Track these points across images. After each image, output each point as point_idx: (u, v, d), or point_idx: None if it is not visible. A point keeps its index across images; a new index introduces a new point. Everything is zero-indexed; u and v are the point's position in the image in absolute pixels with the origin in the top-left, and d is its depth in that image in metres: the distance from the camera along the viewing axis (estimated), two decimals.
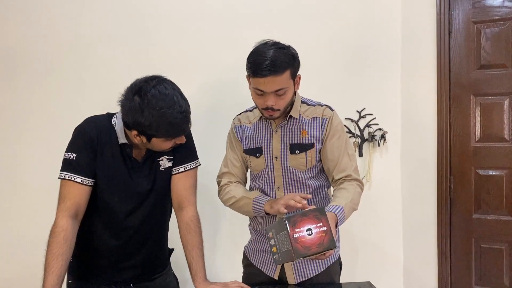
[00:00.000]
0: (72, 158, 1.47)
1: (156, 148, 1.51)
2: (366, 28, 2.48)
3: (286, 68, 1.48)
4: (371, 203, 2.51)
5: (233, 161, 1.76)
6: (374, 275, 2.23)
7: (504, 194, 2.33)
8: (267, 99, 1.51)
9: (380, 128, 2.48)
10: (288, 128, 1.65)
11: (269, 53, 1.47)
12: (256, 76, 1.48)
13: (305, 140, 1.63)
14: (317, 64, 2.45)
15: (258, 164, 1.68)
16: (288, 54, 1.51)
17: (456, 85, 2.40)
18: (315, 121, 1.64)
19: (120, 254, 1.58)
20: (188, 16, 2.41)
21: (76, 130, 1.53)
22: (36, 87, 2.37)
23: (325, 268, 1.69)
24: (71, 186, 1.46)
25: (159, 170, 1.59)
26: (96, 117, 1.57)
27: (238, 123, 1.76)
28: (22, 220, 2.38)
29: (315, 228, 1.27)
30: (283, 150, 1.64)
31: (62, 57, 2.37)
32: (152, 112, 1.37)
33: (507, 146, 2.32)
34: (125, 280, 1.61)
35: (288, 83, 1.51)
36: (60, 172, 1.48)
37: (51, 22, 2.36)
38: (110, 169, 1.51)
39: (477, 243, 2.40)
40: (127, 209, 1.56)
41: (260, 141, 1.68)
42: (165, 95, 1.39)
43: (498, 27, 2.31)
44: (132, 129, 1.44)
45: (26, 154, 2.39)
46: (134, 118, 1.40)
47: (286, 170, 1.64)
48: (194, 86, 2.36)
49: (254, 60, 1.49)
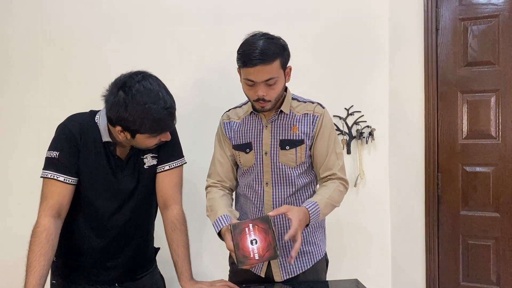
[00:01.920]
0: (55, 157, 1.45)
1: (141, 145, 1.48)
2: (354, 25, 2.47)
3: (276, 58, 1.48)
4: (359, 200, 2.51)
5: (220, 159, 1.74)
6: (362, 272, 2.23)
7: (491, 190, 2.35)
8: (257, 90, 1.50)
9: (368, 126, 2.48)
10: (279, 123, 1.64)
11: (259, 43, 1.47)
12: (246, 66, 1.48)
13: (296, 136, 1.62)
14: (304, 62, 2.44)
15: (248, 159, 1.67)
16: (277, 44, 1.51)
17: (444, 82, 2.41)
18: (306, 118, 1.64)
19: (105, 253, 1.56)
20: (174, 13, 2.39)
21: (58, 128, 1.50)
22: (19, 85, 2.33)
23: (312, 265, 1.68)
24: (54, 185, 1.43)
25: (143, 168, 1.56)
26: (79, 115, 1.54)
27: (227, 119, 1.75)
28: (7, 219, 2.35)
29: (260, 240, 1.34)
30: (273, 146, 1.63)
31: (45, 55, 2.33)
32: (137, 108, 1.34)
33: (494, 143, 2.34)
34: (110, 279, 1.59)
35: (278, 73, 1.51)
36: (43, 170, 1.46)
37: (34, 20, 2.33)
38: (94, 167, 1.49)
39: (464, 239, 2.41)
40: (111, 208, 1.54)
41: (250, 136, 1.67)
42: (150, 90, 1.36)
43: (484, 24, 2.33)
44: (116, 125, 1.41)
45: (10, 152, 2.35)
46: (118, 114, 1.37)
47: (276, 166, 1.63)
48: (180, 83, 2.34)
49: (244, 50, 1.49)
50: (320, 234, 1.73)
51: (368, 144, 2.49)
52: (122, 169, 1.54)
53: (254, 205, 1.67)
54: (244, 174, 1.72)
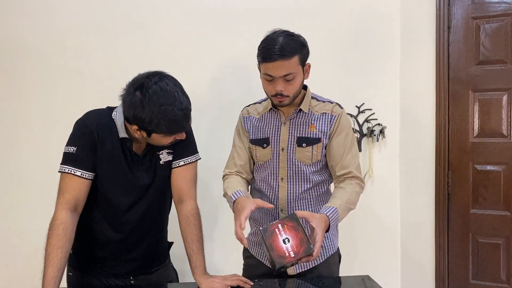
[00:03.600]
0: (72, 152, 1.47)
1: (156, 143, 1.51)
2: (365, 24, 2.47)
3: (295, 54, 1.52)
4: (370, 198, 2.52)
5: (238, 151, 1.78)
6: (373, 268, 2.24)
7: (502, 189, 2.35)
8: (276, 85, 1.54)
9: (379, 123, 2.49)
10: (297, 121, 1.67)
11: (279, 39, 1.51)
12: (266, 61, 1.51)
13: (313, 134, 1.65)
14: (316, 60, 2.41)
15: (264, 154, 1.70)
16: (296, 40, 1.55)
17: (455, 81, 2.40)
18: (324, 117, 1.67)
19: (120, 247, 1.59)
20: (189, 10, 2.40)
21: (76, 124, 1.53)
22: (34, 82, 2.36)
23: (325, 259, 1.71)
24: (71, 179, 1.46)
25: (159, 164, 1.59)
26: (96, 111, 1.57)
27: (247, 114, 1.79)
28: (22, 215, 2.38)
29: (292, 238, 1.34)
30: (290, 142, 1.66)
31: (60, 51, 2.35)
32: (153, 109, 1.36)
33: (505, 141, 2.33)
34: (125, 272, 1.62)
35: (297, 69, 1.54)
36: (60, 165, 1.48)
37: (49, 16, 2.35)
38: (110, 163, 1.52)
39: (474, 237, 2.41)
40: (128, 203, 1.56)
41: (268, 132, 1.71)
42: (166, 92, 1.38)
43: (497, 23, 2.32)
44: (133, 124, 1.44)
45: (25, 149, 2.37)
46: (135, 114, 1.39)
47: (291, 162, 1.66)
48: (195, 81, 2.35)
49: (264, 46, 1.53)
50: (333, 229, 1.73)
51: (378, 142, 2.50)
52: (139, 165, 1.56)
53: (269, 200, 1.70)
54: (259, 169, 1.75)
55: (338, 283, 1.63)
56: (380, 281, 1.70)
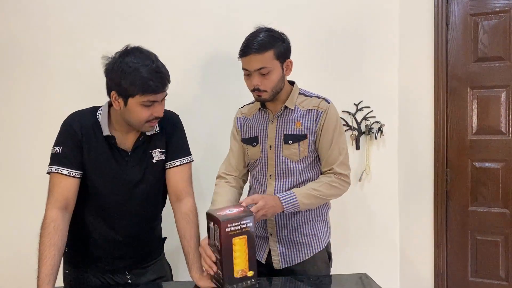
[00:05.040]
0: (58, 152, 1.51)
1: (134, 118, 1.48)
2: (364, 21, 2.47)
3: (269, 48, 1.57)
4: (368, 195, 2.52)
5: (233, 150, 1.85)
6: (371, 266, 2.23)
7: (500, 186, 2.34)
8: (252, 79, 1.61)
9: (377, 121, 2.49)
10: (284, 118, 1.70)
11: (255, 35, 1.60)
12: (242, 56, 1.60)
13: (299, 131, 1.68)
14: (314, 57, 2.45)
15: (254, 152, 1.76)
16: (272, 36, 1.61)
17: (453, 78, 2.40)
18: (309, 113, 1.69)
19: (115, 243, 1.60)
20: (183, 11, 2.38)
21: (62, 125, 1.56)
22: (32, 81, 2.34)
23: (311, 256, 1.74)
24: (58, 179, 1.49)
25: (151, 162, 1.60)
26: (81, 111, 1.60)
27: (240, 115, 1.86)
28: (21, 215, 2.38)
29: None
30: (277, 140, 1.70)
31: (57, 50, 2.34)
32: (129, 64, 1.41)
33: (504, 138, 2.33)
34: (120, 268, 1.64)
35: (272, 64, 1.59)
36: (48, 166, 1.52)
37: (46, 15, 2.33)
38: (98, 160, 1.54)
39: (473, 235, 2.41)
40: (120, 199, 1.57)
41: (257, 130, 1.76)
42: (143, 54, 1.45)
43: (495, 20, 2.31)
44: (112, 91, 1.47)
45: (22, 148, 2.36)
46: (112, 75, 1.45)
47: (279, 159, 1.70)
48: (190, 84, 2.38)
49: (243, 43, 1.62)
50: (321, 227, 1.78)
51: (377, 139, 2.49)
52: (128, 161, 1.57)
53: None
54: (252, 167, 1.81)
55: (335, 281, 1.62)
56: (379, 278, 1.70)
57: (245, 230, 1.40)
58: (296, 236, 1.73)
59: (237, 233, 1.38)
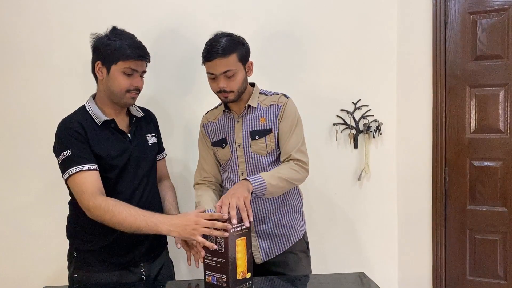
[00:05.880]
0: (69, 154, 1.52)
1: (116, 88, 1.59)
2: (362, 19, 2.46)
3: (232, 52, 1.67)
4: (367, 194, 2.52)
5: (204, 156, 1.93)
6: (369, 265, 2.24)
7: (499, 185, 2.34)
8: (218, 82, 1.69)
9: (375, 120, 2.48)
10: (248, 117, 1.80)
11: (217, 40, 1.68)
12: (207, 61, 1.68)
13: (264, 126, 1.78)
14: (312, 56, 2.44)
15: (224, 153, 1.84)
16: (233, 40, 1.70)
17: (452, 76, 2.39)
18: (271, 108, 1.80)
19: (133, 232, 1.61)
20: (183, 12, 2.37)
21: (58, 132, 1.58)
22: (29, 79, 2.31)
23: (289, 246, 1.82)
24: (82, 176, 1.51)
25: (147, 144, 1.74)
26: (69, 115, 1.64)
27: (205, 121, 1.94)
28: (21, 213, 2.36)
29: None
30: (245, 137, 1.79)
31: (55, 48, 2.32)
32: (114, 40, 1.58)
33: (502, 137, 2.32)
34: (136, 258, 1.66)
35: (236, 66, 1.69)
36: (65, 173, 1.53)
37: (44, 12, 2.31)
38: (106, 147, 1.58)
39: (471, 234, 2.41)
40: (133, 185, 1.65)
41: (224, 132, 1.84)
42: (128, 33, 1.65)
43: (494, 18, 2.30)
44: (97, 61, 1.60)
45: (22, 150, 2.33)
46: (98, 46, 1.60)
47: (248, 155, 1.79)
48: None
49: (205, 48, 1.70)
50: (296, 217, 1.87)
51: (375, 138, 2.49)
52: (130, 141, 1.66)
53: None
54: (224, 169, 1.89)
55: (334, 280, 1.62)
56: (377, 277, 1.70)
57: (245, 232, 1.42)
58: (275, 229, 1.80)
59: (239, 235, 1.40)
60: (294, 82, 2.39)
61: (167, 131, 2.15)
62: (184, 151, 2.38)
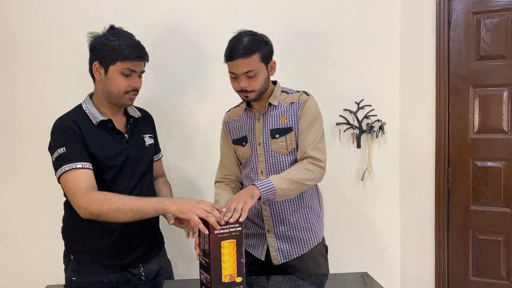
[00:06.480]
0: (63, 152, 1.50)
1: (114, 89, 1.57)
2: (365, 18, 2.46)
3: (254, 52, 1.64)
4: (370, 194, 2.51)
5: (225, 154, 1.91)
6: (372, 265, 2.23)
7: (502, 185, 2.33)
8: (240, 81, 1.67)
9: (378, 120, 2.48)
10: (269, 115, 1.77)
11: (240, 39, 1.65)
12: (228, 60, 1.66)
13: (284, 124, 1.75)
14: (315, 55, 2.44)
15: (245, 152, 1.82)
16: (257, 39, 1.67)
17: (455, 76, 2.39)
18: (292, 106, 1.76)
19: (130, 233, 1.61)
20: (184, 11, 2.37)
21: (54, 130, 1.56)
22: (31, 78, 2.32)
23: (308, 250, 1.79)
24: (76, 174, 1.48)
25: (144, 145, 1.72)
26: (64, 114, 1.62)
27: (227, 119, 1.91)
28: (21, 212, 2.37)
29: None
30: (265, 136, 1.76)
31: (55, 46, 2.31)
32: (112, 40, 1.55)
33: (506, 137, 2.32)
34: (135, 259, 1.65)
35: (258, 66, 1.66)
36: (58, 170, 1.50)
37: (43, 10, 2.30)
38: (101, 147, 1.56)
39: (474, 234, 2.40)
40: (130, 185, 1.62)
41: (245, 130, 1.82)
42: (126, 32, 1.61)
43: (498, 18, 2.30)
44: (94, 61, 1.58)
45: (23, 150, 2.33)
46: (96, 46, 1.57)
47: (269, 154, 1.76)
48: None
49: (227, 47, 1.67)
50: (315, 220, 1.83)
51: (378, 138, 2.49)
52: (127, 142, 1.64)
53: None
54: (244, 167, 1.86)
55: (337, 280, 1.62)
56: (380, 277, 1.69)
57: (234, 234, 1.41)
58: (293, 231, 1.77)
59: (226, 237, 1.40)
60: (296, 82, 2.38)
61: (165, 131, 2.16)
62: (181, 152, 2.40)
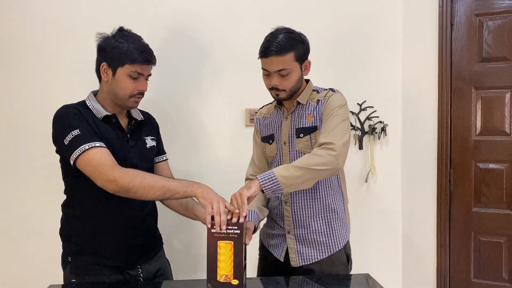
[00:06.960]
0: (78, 133, 1.45)
1: (121, 91, 1.57)
2: (368, 20, 2.46)
3: (289, 50, 1.59)
4: (372, 195, 2.52)
5: (256, 151, 1.89)
6: (373, 267, 2.23)
7: (504, 187, 2.33)
8: (272, 79, 1.63)
9: (380, 121, 2.48)
10: (297, 114, 1.72)
11: (276, 36, 1.60)
12: (262, 57, 1.62)
13: (310, 123, 1.69)
14: (317, 56, 2.42)
15: (271, 150, 1.78)
16: (293, 37, 1.62)
17: (458, 78, 2.39)
18: (318, 105, 1.71)
19: (129, 233, 1.61)
20: (186, 10, 2.38)
21: (59, 118, 1.52)
22: (33, 78, 2.32)
23: (328, 255, 1.70)
24: (99, 151, 1.44)
25: (145, 148, 1.70)
26: (67, 104, 1.59)
27: (259, 115, 1.89)
28: (21, 211, 2.37)
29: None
30: (291, 135, 1.72)
31: (56, 45, 2.31)
32: (121, 42, 1.55)
33: (508, 139, 2.32)
34: (134, 261, 1.64)
35: (292, 65, 1.61)
36: (75, 152, 1.44)
37: (45, 9, 2.31)
38: (106, 140, 1.52)
39: (476, 236, 2.40)
40: None
41: (273, 128, 1.78)
42: (135, 34, 1.61)
43: (500, 20, 2.30)
44: (102, 62, 1.57)
45: (24, 150, 2.34)
46: (105, 48, 1.57)
47: (293, 154, 1.71)
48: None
49: (263, 43, 1.63)
50: (337, 225, 1.73)
51: (380, 139, 2.49)
52: (127, 141, 1.63)
53: (275, 195, 1.71)
54: (270, 166, 1.82)
55: (339, 281, 1.62)
56: (382, 279, 1.69)
57: (232, 236, 1.40)
58: (313, 235, 1.70)
59: (222, 237, 1.40)
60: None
61: (169, 133, 2.17)
62: (186, 152, 2.39)
